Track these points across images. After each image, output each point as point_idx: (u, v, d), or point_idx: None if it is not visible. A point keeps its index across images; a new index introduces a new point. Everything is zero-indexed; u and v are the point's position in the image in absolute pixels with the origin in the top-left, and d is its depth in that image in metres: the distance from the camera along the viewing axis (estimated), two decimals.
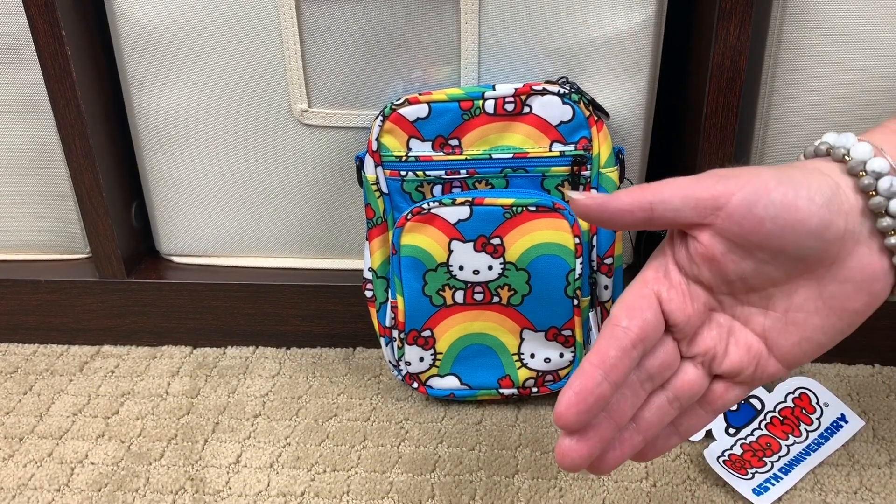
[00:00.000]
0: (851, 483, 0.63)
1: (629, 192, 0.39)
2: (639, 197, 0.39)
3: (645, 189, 0.39)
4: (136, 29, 0.71)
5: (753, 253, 0.39)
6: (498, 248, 0.66)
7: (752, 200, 0.37)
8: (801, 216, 0.37)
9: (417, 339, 0.70)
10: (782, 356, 0.42)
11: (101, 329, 0.83)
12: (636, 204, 0.39)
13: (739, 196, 0.37)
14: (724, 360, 0.42)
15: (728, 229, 0.38)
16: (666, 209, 0.39)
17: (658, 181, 0.40)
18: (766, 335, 0.42)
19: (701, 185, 0.38)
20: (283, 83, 0.72)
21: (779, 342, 0.41)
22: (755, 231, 0.37)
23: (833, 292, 0.40)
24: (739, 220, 0.37)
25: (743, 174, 0.38)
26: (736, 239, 0.38)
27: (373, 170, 0.67)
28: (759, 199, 0.37)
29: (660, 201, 0.39)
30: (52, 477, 0.67)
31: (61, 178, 0.80)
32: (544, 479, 0.65)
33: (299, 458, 0.68)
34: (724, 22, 0.64)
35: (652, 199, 0.39)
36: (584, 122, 0.64)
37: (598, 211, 0.40)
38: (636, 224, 0.40)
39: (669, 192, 0.39)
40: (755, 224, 0.37)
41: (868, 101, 0.68)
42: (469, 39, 0.68)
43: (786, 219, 0.37)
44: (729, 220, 0.38)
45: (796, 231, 0.37)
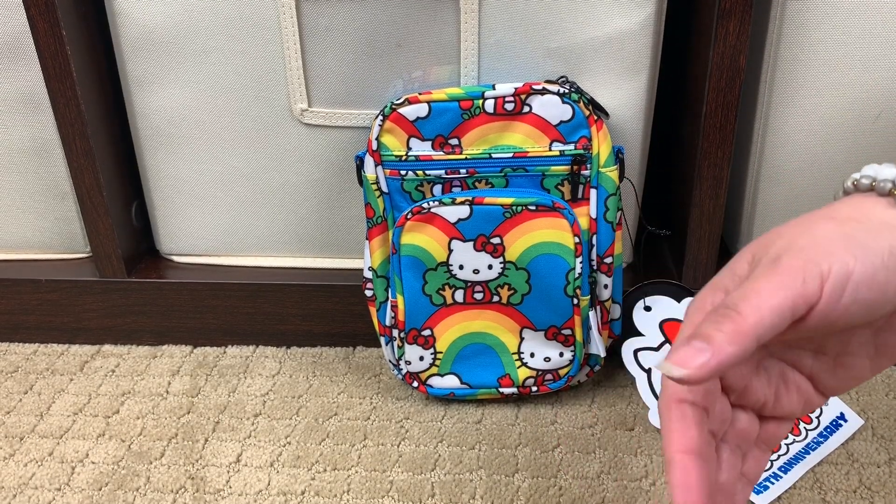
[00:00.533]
0: (851, 481, 0.63)
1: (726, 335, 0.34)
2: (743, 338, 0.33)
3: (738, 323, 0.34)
4: (137, 29, 0.71)
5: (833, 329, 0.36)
6: (498, 248, 0.66)
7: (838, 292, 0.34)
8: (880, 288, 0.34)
9: (417, 339, 0.70)
10: (825, 390, 0.41)
11: (101, 328, 0.83)
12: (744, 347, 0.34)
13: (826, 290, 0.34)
14: (776, 406, 0.40)
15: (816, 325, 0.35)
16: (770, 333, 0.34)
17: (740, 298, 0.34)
18: (813, 376, 0.40)
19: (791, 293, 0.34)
20: (283, 83, 0.72)
21: (826, 381, 0.40)
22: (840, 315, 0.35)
23: (888, 339, 0.38)
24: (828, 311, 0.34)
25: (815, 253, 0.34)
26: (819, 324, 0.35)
27: (373, 169, 0.67)
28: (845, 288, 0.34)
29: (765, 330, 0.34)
30: (52, 476, 0.67)
31: (61, 177, 0.80)
32: (544, 477, 0.65)
33: (299, 457, 0.68)
34: (723, 21, 0.64)
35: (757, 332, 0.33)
36: (584, 121, 0.64)
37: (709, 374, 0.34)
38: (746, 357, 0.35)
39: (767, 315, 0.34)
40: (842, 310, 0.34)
41: (867, 100, 0.68)
42: (469, 39, 0.68)
43: (865, 296, 0.34)
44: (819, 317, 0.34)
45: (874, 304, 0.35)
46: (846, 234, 0.35)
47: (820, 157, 0.71)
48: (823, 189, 0.73)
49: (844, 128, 0.69)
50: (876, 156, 0.70)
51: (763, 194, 0.75)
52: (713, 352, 0.33)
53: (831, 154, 0.71)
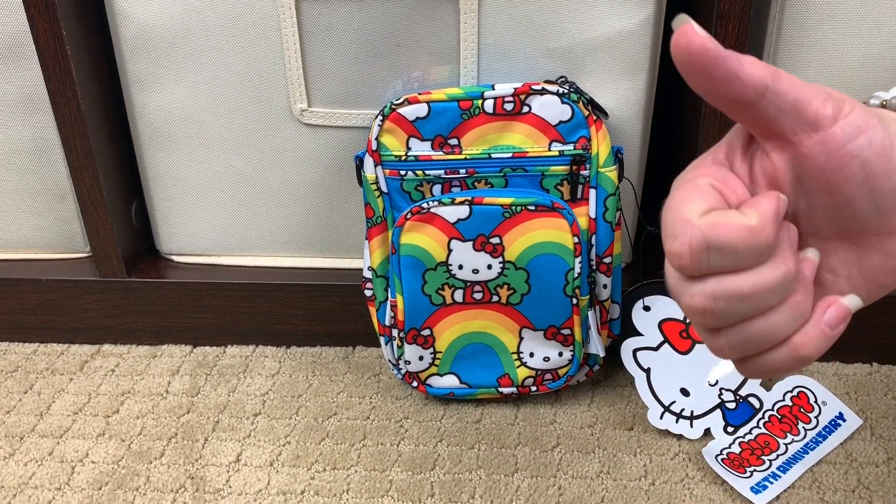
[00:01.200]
0: (849, 481, 0.63)
1: (752, 60, 0.33)
2: (760, 73, 0.33)
3: (768, 68, 0.34)
4: (136, 28, 0.71)
5: (818, 194, 0.35)
6: (497, 248, 0.66)
7: (852, 134, 0.33)
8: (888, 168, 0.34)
9: (417, 338, 0.70)
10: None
11: (101, 328, 0.83)
12: (755, 79, 0.33)
13: (841, 125, 0.34)
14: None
15: (812, 156, 0.34)
16: (773, 103, 0.34)
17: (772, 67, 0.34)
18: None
19: (816, 94, 0.34)
20: (282, 83, 0.72)
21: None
22: (841, 168, 0.34)
23: (873, 263, 0.37)
24: (832, 150, 0.34)
25: (857, 105, 0.34)
26: (814, 171, 0.34)
27: (372, 169, 0.67)
28: (859, 135, 0.33)
29: (774, 91, 0.33)
30: (52, 475, 0.67)
31: (61, 177, 0.80)
32: (543, 477, 0.65)
33: (299, 456, 0.68)
34: (722, 22, 0.65)
35: (770, 83, 0.33)
36: (583, 121, 0.64)
37: (712, 61, 0.33)
38: (733, 101, 0.34)
39: (785, 85, 0.34)
40: (845, 160, 0.34)
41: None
42: (468, 39, 0.68)
43: (874, 166, 0.34)
44: (820, 147, 0.34)
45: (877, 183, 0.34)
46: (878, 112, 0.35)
47: None
48: None
49: None
50: None
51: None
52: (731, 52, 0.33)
53: None
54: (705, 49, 0.32)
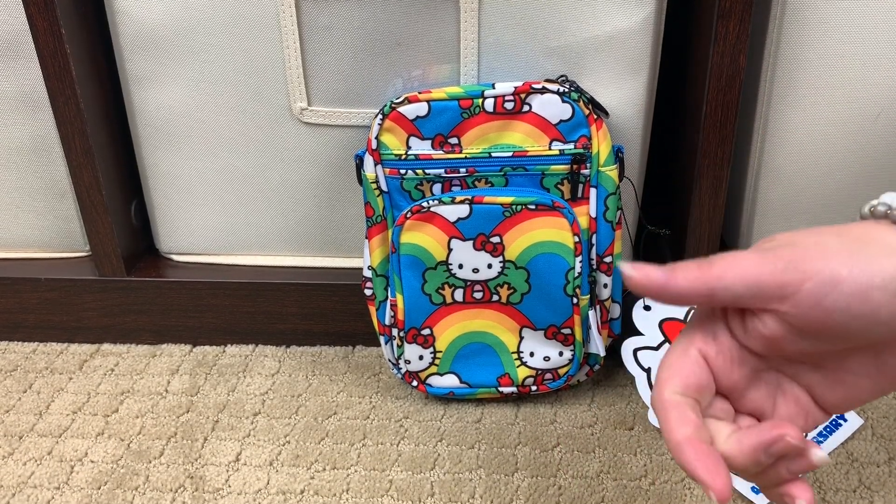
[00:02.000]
0: (850, 481, 0.63)
1: (688, 273, 0.37)
2: (697, 282, 0.37)
3: (704, 270, 0.37)
4: (136, 27, 0.71)
5: (815, 336, 0.37)
6: (497, 247, 0.66)
7: (821, 293, 0.35)
8: (872, 308, 0.35)
9: (417, 338, 0.70)
10: (824, 405, 0.41)
11: (100, 327, 0.83)
12: (694, 290, 0.37)
13: (808, 287, 0.35)
14: (774, 415, 0.41)
15: (794, 317, 0.36)
16: (727, 295, 0.37)
17: (720, 258, 0.37)
18: (812, 390, 0.40)
19: (767, 270, 0.36)
20: (282, 81, 0.72)
21: (825, 396, 0.40)
22: (822, 321, 0.35)
23: (888, 363, 0.38)
24: (807, 311, 0.35)
25: (812, 256, 0.36)
26: (800, 325, 0.36)
27: (372, 168, 0.67)
28: (830, 293, 0.35)
29: (721, 288, 0.36)
30: (51, 475, 0.67)
31: (61, 176, 0.80)
32: (543, 477, 0.65)
33: (299, 456, 0.68)
34: (723, 21, 0.64)
35: (713, 286, 0.37)
36: (584, 120, 0.64)
37: (656, 293, 0.38)
38: (694, 304, 0.38)
39: (731, 277, 0.36)
40: (823, 316, 0.35)
41: (867, 100, 0.68)
42: (469, 38, 0.68)
43: (856, 311, 0.35)
44: (795, 310, 0.36)
45: (865, 321, 0.35)
46: (850, 249, 0.36)
47: (820, 156, 0.71)
48: (823, 188, 0.73)
49: (844, 127, 0.69)
50: (875, 155, 0.70)
51: (763, 193, 0.75)
52: (668, 277, 0.37)
53: (831, 153, 0.71)
54: (644, 286, 0.38)
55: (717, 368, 0.40)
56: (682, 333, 0.41)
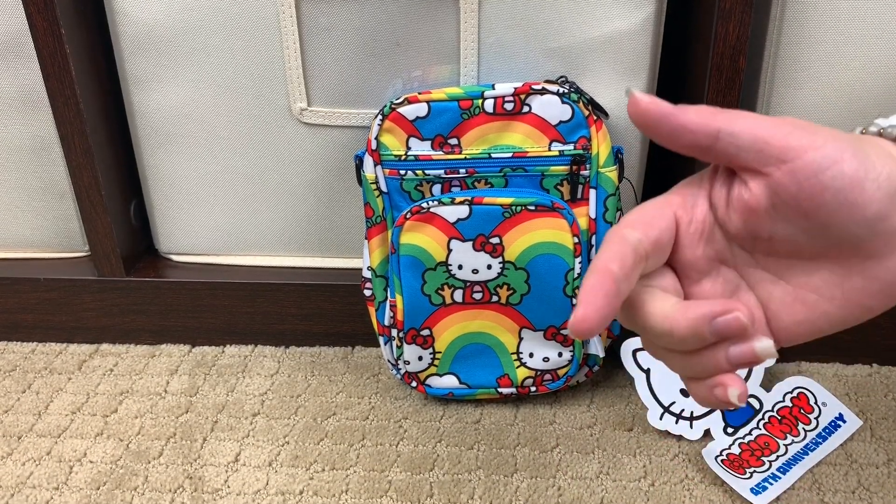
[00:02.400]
0: (849, 482, 0.63)
1: (698, 110, 0.36)
2: (707, 120, 0.36)
3: (716, 113, 0.36)
4: (136, 27, 0.71)
5: (796, 219, 0.36)
6: (497, 248, 0.66)
7: (822, 165, 0.34)
8: (863, 199, 0.34)
9: (416, 338, 0.70)
10: (778, 330, 0.39)
11: (99, 327, 0.83)
12: (703, 127, 0.36)
13: (811, 156, 0.35)
14: None
15: (785, 186, 0.35)
16: (730, 144, 0.36)
17: (731, 111, 0.36)
18: (769, 304, 0.39)
19: (776, 130, 0.35)
20: (282, 82, 0.72)
21: (780, 315, 0.39)
22: (812, 198, 0.35)
23: (856, 285, 0.37)
24: (802, 180, 0.35)
25: (821, 133, 0.35)
26: (787, 199, 0.35)
27: (372, 169, 0.67)
28: (831, 167, 0.34)
29: (728, 133, 0.35)
30: (50, 475, 0.67)
31: (60, 176, 0.80)
32: (542, 478, 0.65)
33: (298, 456, 0.68)
34: (723, 22, 0.64)
35: (721, 126, 0.36)
36: (584, 121, 0.64)
37: (658, 120, 0.36)
38: (692, 148, 0.37)
39: (741, 126, 0.36)
40: (816, 190, 0.35)
41: (867, 101, 0.68)
42: (468, 38, 0.68)
43: (847, 196, 0.34)
44: (791, 177, 0.35)
45: (852, 212, 0.35)
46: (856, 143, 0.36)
47: None
48: None
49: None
50: None
51: None
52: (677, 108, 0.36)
53: None
54: (649, 111, 0.37)
55: (684, 237, 0.39)
56: (664, 195, 0.40)
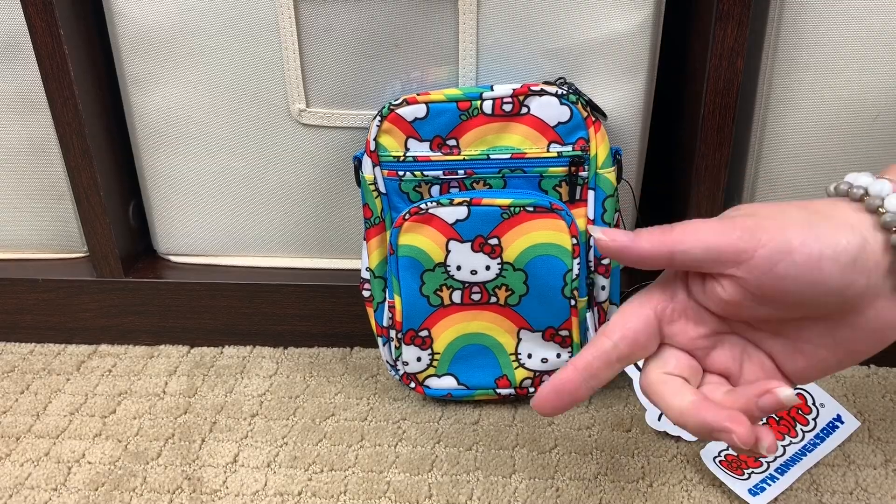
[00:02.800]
0: (847, 483, 0.64)
1: (651, 236, 0.40)
2: (659, 244, 0.40)
3: (666, 234, 0.40)
4: (135, 28, 0.71)
5: (770, 303, 0.39)
6: (496, 249, 0.66)
7: (774, 260, 0.37)
8: (822, 277, 0.37)
9: (415, 339, 0.70)
10: (792, 374, 0.42)
11: (98, 328, 0.83)
12: (656, 252, 0.40)
13: (761, 254, 0.37)
14: (741, 378, 0.43)
15: (748, 282, 0.38)
16: (686, 258, 0.39)
17: (682, 224, 0.40)
18: (774, 356, 0.42)
19: (724, 237, 0.38)
20: (281, 83, 0.72)
21: (787, 364, 0.42)
22: (774, 287, 0.38)
23: (845, 336, 0.40)
24: (760, 276, 0.38)
25: (769, 224, 0.38)
26: (754, 291, 0.38)
27: (370, 170, 0.67)
28: (782, 259, 0.37)
29: (681, 251, 0.39)
30: (48, 476, 0.67)
31: (59, 176, 0.80)
32: (541, 479, 0.65)
33: (296, 457, 0.68)
34: (721, 24, 0.65)
35: (672, 248, 0.39)
36: (582, 122, 0.64)
37: (619, 253, 0.41)
38: (657, 266, 0.41)
39: (691, 241, 0.39)
40: (775, 282, 0.38)
41: (865, 104, 0.68)
42: (467, 40, 0.68)
43: (807, 279, 0.37)
44: (749, 275, 0.38)
45: (816, 290, 0.37)
46: (809, 221, 0.38)
47: (818, 159, 0.71)
48: (821, 190, 0.73)
49: (842, 130, 0.69)
50: (873, 158, 0.70)
51: (761, 196, 0.75)
52: (632, 240, 0.40)
53: (829, 156, 0.71)
54: (608, 248, 0.41)
55: (672, 326, 0.42)
56: (645, 291, 0.44)
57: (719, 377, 0.43)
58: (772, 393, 0.39)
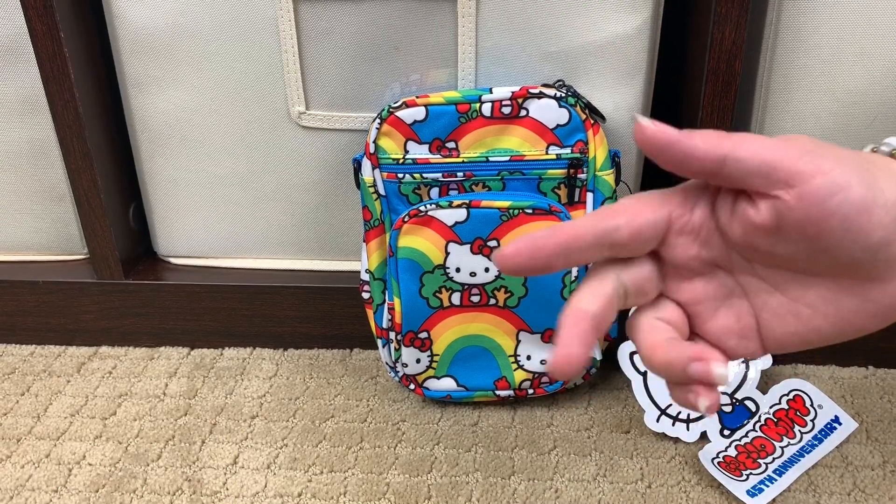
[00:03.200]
0: (845, 484, 0.64)
1: (704, 136, 0.36)
2: (713, 146, 0.35)
3: (722, 138, 0.35)
4: (135, 31, 0.71)
5: (800, 241, 0.36)
6: (494, 251, 0.66)
7: (830, 191, 0.34)
8: (869, 225, 0.34)
9: (414, 341, 0.70)
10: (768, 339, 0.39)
11: (98, 330, 0.83)
12: (709, 154, 0.35)
13: (819, 182, 0.34)
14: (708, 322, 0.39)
15: (792, 210, 0.35)
16: (737, 169, 0.35)
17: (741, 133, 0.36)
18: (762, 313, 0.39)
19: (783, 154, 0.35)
20: (280, 85, 0.72)
21: (771, 325, 0.39)
22: (818, 223, 0.34)
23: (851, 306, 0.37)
24: (809, 205, 0.34)
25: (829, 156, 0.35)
26: (793, 222, 0.35)
27: (370, 172, 0.67)
28: (838, 193, 0.34)
29: (735, 159, 0.35)
30: (49, 478, 0.67)
31: (59, 179, 0.80)
32: (540, 480, 0.66)
33: (296, 459, 0.68)
34: (719, 26, 0.65)
35: (727, 152, 0.35)
36: (581, 125, 0.65)
37: (663, 147, 0.36)
38: (700, 173, 0.36)
39: (747, 151, 0.35)
40: (823, 216, 0.34)
41: (862, 105, 0.68)
42: (466, 43, 0.68)
43: (854, 222, 0.34)
44: (798, 202, 0.34)
45: (857, 238, 0.35)
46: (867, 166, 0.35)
47: None
48: None
49: (840, 132, 0.70)
50: None
51: None
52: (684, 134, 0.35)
53: None
54: (655, 138, 0.36)
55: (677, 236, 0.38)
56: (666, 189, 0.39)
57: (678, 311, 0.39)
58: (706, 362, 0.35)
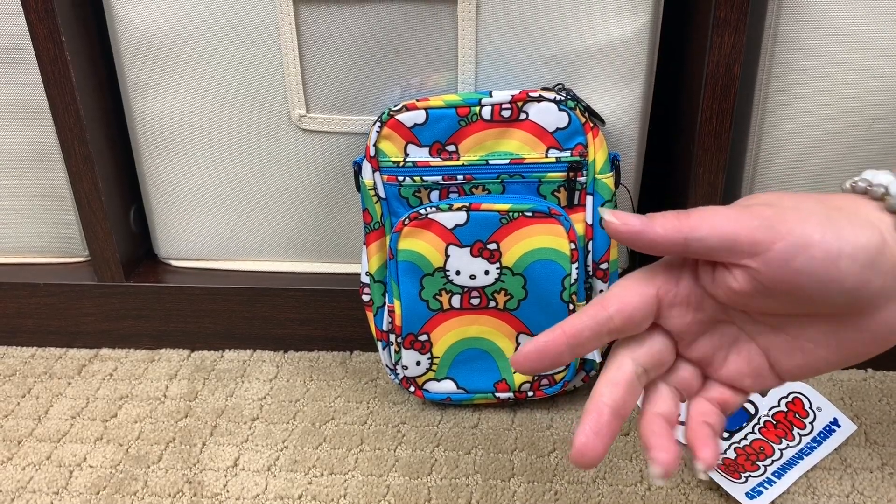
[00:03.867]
0: (844, 487, 0.64)
1: (665, 221, 0.38)
2: (674, 230, 0.37)
3: (681, 220, 0.37)
4: (136, 34, 0.71)
5: (780, 297, 0.37)
6: (494, 253, 0.67)
7: (791, 254, 0.36)
8: (839, 275, 0.36)
9: (414, 343, 0.70)
10: (782, 372, 0.41)
11: (99, 332, 0.84)
12: (670, 238, 0.38)
13: (780, 247, 0.36)
14: (721, 369, 0.42)
15: (762, 274, 0.37)
16: (701, 246, 0.37)
17: (698, 210, 0.38)
18: (770, 352, 0.41)
19: (742, 226, 0.36)
20: (281, 89, 0.72)
21: (781, 361, 0.41)
22: (788, 282, 0.36)
23: (850, 336, 0.39)
24: (775, 269, 0.36)
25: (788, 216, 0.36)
26: (767, 283, 0.37)
27: (370, 175, 0.67)
28: (800, 254, 0.35)
29: (696, 239, 0.37)
30: (50, 480, 0.67)
31: (60, 181, 0.81)
32: (540, 482, 0.66)
33: (297, 461, 0.69)
34: (718, 30, 0.65)
35: (688, 235, 0.37)
36: (580, 128, 0.65)
37: (630, 238, 0.38)
38: (671, 253, 0.39)
39: (707, 229, 0.37)
40: (791, 276, 0.36)
41: (861, 108, 0.68)
42: (466, 46, 0.68)
43: (823, 276, 0.36)
44: (765, 268, 0.36)
45: (830, 288, 0.36)
46: (829, 216, 0.36)
47: (814, 165, 0.72)
48: None
49: (839, 135, 0.70)
50: (870, 163, 0.70)
51: None
52: (645, 224, 0.38)
53: (826, 161, 0.71)
54: (620, 231, 0.38)
55: (670, 309, 0.40)
56: (647, 268, 0.41)
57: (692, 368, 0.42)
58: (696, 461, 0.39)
